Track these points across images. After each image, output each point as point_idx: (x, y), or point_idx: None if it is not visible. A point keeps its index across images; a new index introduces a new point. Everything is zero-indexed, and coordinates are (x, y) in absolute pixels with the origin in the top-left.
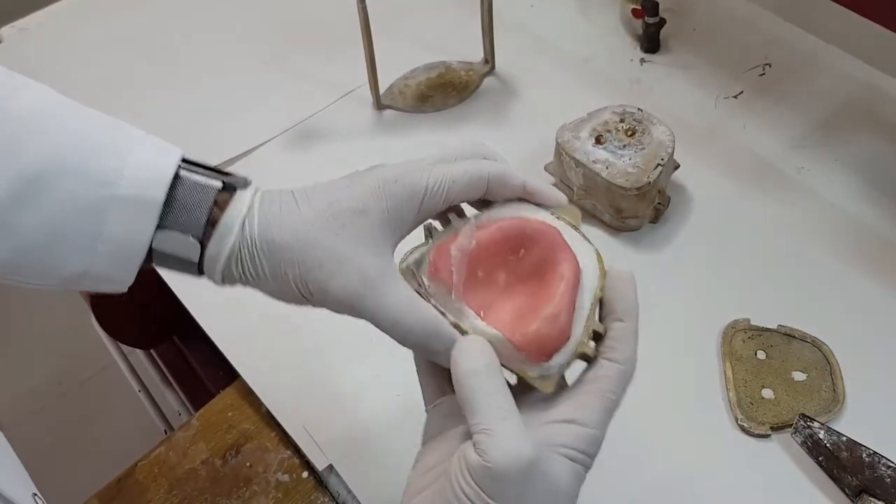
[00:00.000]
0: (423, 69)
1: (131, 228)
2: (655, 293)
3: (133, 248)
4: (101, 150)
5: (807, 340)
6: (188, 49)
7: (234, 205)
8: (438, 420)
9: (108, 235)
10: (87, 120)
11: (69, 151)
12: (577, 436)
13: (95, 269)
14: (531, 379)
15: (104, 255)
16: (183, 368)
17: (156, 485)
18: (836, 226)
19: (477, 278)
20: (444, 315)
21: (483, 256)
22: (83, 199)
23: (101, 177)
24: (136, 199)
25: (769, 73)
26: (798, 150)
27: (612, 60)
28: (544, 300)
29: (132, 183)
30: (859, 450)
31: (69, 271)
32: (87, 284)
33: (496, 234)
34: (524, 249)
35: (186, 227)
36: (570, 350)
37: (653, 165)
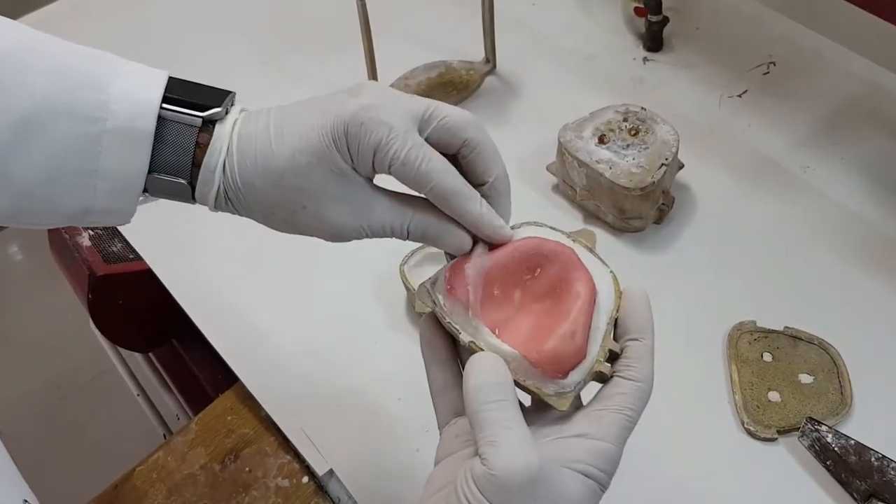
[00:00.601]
0: (423, 69)
1: (126, 161)
2: (660, 295)
3: (130, 180)
4: (84, 83)
5: (813, 342)
6: (186, 48)
7: (213, 145)
8: (450, 440)
9: (103, 171)
10: (65, 55)
11: (52, 91)
12: (591, 450)
13: (97, 205)
14: (547, 396)
15: (103, 191)
16: (182, 372)
17: (154, 490)
18: (842, 225)
19: (493, 296)
20: (459, 335)
21: (499, 275)
22: (73, 137)
23: (87, 113)
24: (126, 132)
25: (774, 71)
26: (803, 149)
27: (614, 59)
28: (560, 318)
29: (119, 116)
30: (868, 453)
31: (70, 210)
32: (92, 220)
33: (513, 252)
34: (540, 269)
35: (174, 169)
36: (585, 368)
37: (657, 165)
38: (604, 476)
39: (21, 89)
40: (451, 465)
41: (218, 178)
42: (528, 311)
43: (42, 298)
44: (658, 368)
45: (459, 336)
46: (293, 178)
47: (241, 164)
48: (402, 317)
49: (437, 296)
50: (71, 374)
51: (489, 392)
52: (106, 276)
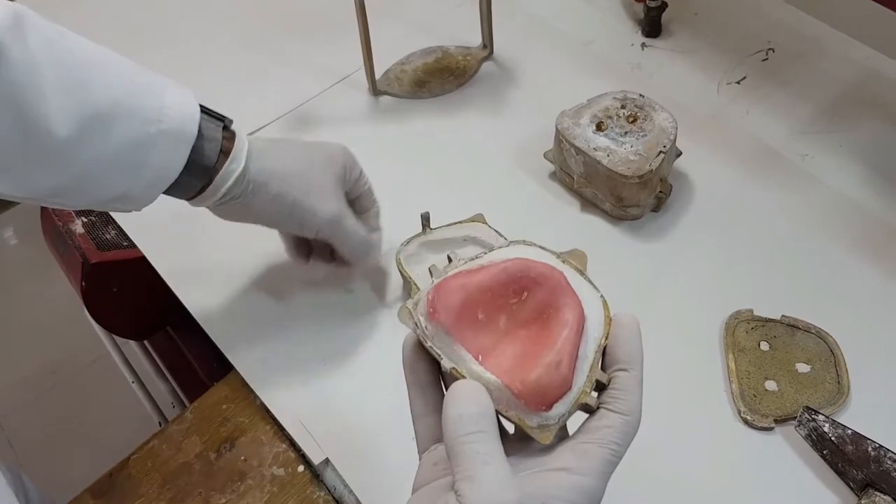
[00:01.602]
0: (419, 54)
1: (171, 156)
2: (656, 284)
3: (169, 172)
4: (145, 90)
5: (811, 331)
6: (180, 35)
7: (238, 141)
8: (428, 468)
9: (151, 163)
10: (125, 63)
11: (120, 94)
12: (572, 486)
13: (133, 192)
14: (529, 429)
15: (144, 180)
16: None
17: (149, 479)
18: (841, 213)
19: (477, 321)
20: (440, 360)
21: (484, 298)
22: (135, 133)
23: (149, 114)
24: (177, 133)
25: (772, 57)
26: (802, 136)
27: (612, 45)
28: (546, 347)
29: (172, 118)
30: (865, 443)
31: (110, 193)
32: (117, 205)
33: (499, 275)
34: (527, 292)
35: (199, 168)
36: (570, 400)
37: (655, 153)
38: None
39: (99, 90)
40: (427, 495)
41: (244, 161)
42: (513, 338)
43: (37, 284)
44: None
45: (441, 361)
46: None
47: (259, 154)
48: (398, 305)
49: (419, 318)
50: (66, 362)
51: (469, 423)
52: (99, 263)
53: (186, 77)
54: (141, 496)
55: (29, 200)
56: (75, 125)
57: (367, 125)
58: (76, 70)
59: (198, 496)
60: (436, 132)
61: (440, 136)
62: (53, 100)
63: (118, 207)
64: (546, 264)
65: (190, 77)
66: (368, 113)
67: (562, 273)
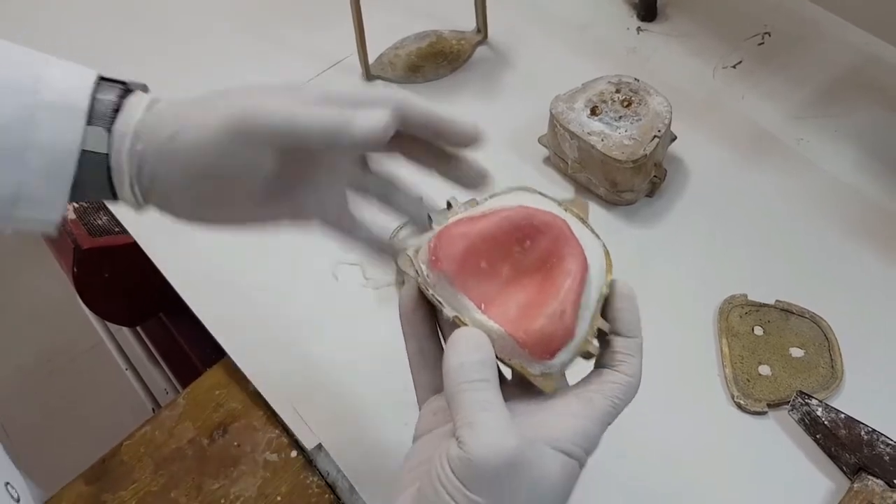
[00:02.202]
0: (413, 38)
1: (61, 135)
2: (651, 268)
3: (62, 155)
4: (21, 62)
5: (805, 316)
6: (168, 18)
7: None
8: (428, 417)
9: (37, 144)
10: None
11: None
12: (577, 429)
13: (27, 189)
14: (532, 377)
15: (36, 170)
16: (170, 346)
17: (141, 465)
18: (835, 198)
19: (480, 269)
20: (442, 308)
21: (487, 247)
22: (8, 110)
23: (23, 85)
24: (62, 105)
25: (768, 42)
26: (798, 120)
27: (607, 29)
28: (549, 296)
29: (54, 90)
30: (858, 427)
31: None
32: (20, 215)
33: (503, 223)
34: (530, 241)
35: (98, 142)
36: (573, 348)
37: (649, 137)
38: (585, 456)
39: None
40: (428, 442)
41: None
42: (516, 286)
43: (30, 272)
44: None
45: (443, 310)
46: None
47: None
48: (391, 291)
49: (421, 265)
50: (59, 349)
51: (470, 371)
52: (91, 249)
53: (177, 62)
54: (134, 482)
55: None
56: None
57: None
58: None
59: (191, 482)
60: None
61: None
62: None
63: (22, 217)
64: (549, 213)
65: (180, 62)
66: None
67: (565, 221)
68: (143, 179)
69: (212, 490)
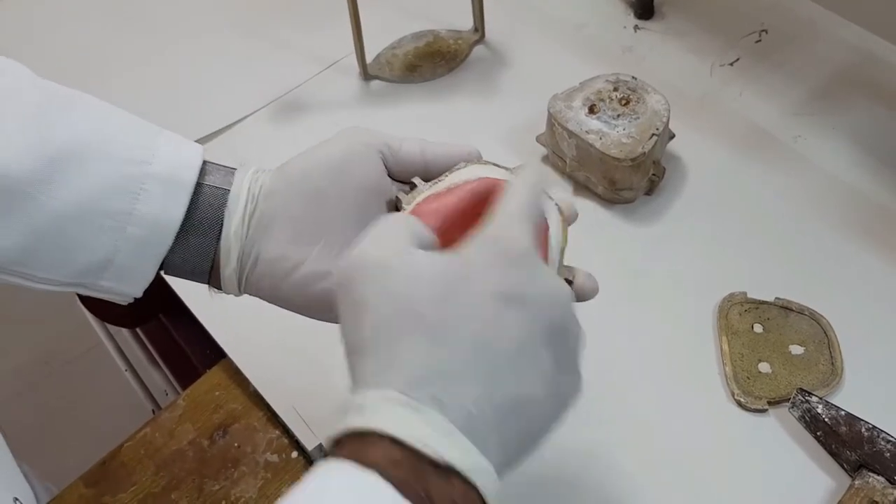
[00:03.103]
0: (410, 38)
1: (163, 210)
2: (650, 267)
3: (161, 232)
4: (133, 128)
5: (804, 313)
6: (165, 19)
7: (233, 192)
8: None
9: (138, 215)
10: (107, 106)
11: (100, 129)
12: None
13: (119, 258)
14: None
15: (132, 240)
16: (169, 347)
17: (142, 466)
18: (834, 195)
19: (454, 241)
20: None
21: (455, 218)
22: (115, 176)
23: (134, 154)
24: (169, 179)
25: (766, 39)
26: (795, 118)
27: (604, 27)
28: None
29: (165, 162)
30: (858, 424)
31: (89, 259)
32: (104, 284)
33: (468, 195)
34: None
35: (204, 228)
36: None
37: (647, 135)
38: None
39: (76, 123)
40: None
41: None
42: None
43: None
44: (648, 340)
45: None
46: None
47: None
48: None
49: None
50: (58, 350)
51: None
52: None
53: (173, 64)
54: (134, 484)
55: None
56: (39, 161)
57: (357, 110)
58: (49, 103)
59: (191, 483)
60: (427, 117)
61: (431, 120)
62: (12, 132)
63: (105, 287)
64: (506, 181)
65: (177, 62)
66: (359, 98)
67: None
68: (256, 204)
69: (213, 491)
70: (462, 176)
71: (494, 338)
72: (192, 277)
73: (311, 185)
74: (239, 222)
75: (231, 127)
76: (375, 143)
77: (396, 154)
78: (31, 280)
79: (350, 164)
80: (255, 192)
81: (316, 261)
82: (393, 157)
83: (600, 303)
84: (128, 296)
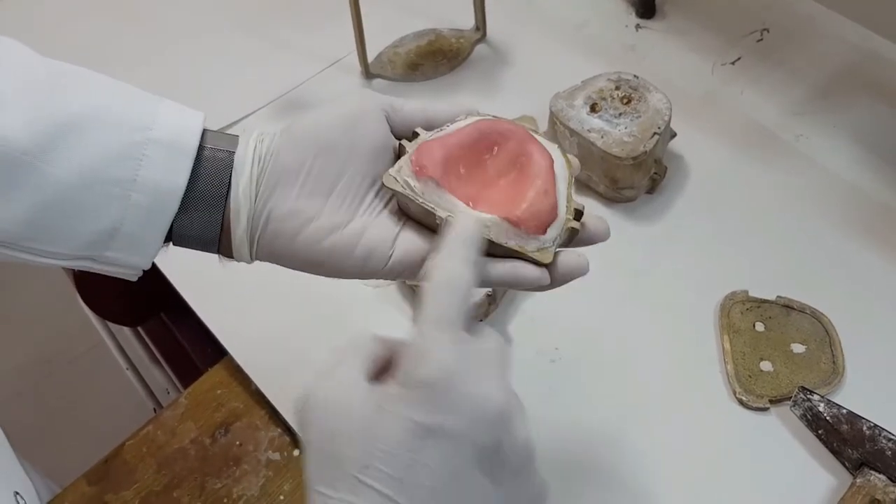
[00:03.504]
0: (412, 37)
1: (166, 175)
2: (651, 266)
3: (166, 198)
4: (134, 99)
5: (806, 312)
6: (167, 17)
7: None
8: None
9: (142, 181)
10: (110, 80)
11: (101, 98)
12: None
13: (125, 226)
14: (531, 253)
15: (137, 207)
16: (171, 346)
17: (144, 464)
18: (835, 194)
19: (460, 174)
20: (435, 211)
21: (462, 154)
22: (115, 143)
23: (135, 122)
24: (170, 144)
25: (767, 38)
26: (797, 116)
27: (606, 26)
28: (528, 184)
29: (166, 128)
30: (859, 422)
31: (94, 229)
32: (112, 254)
33: (472, 132)
34: (497, 147)
35: (209, 199)
36: (560, 225)
37: (649, 134)
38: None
39: (68, 97)
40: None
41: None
42: (494, 186)
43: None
44: (650, 338)
45: (436, 212)
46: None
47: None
48: (393, 291)
49: (406, 179)
50: (60, 349)
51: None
52: None
53: (174, 62)
54: (136, 482)
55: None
56: (41, 131)
57: None
58: (49, 76)
59: (193, 481)
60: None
61: None
62: (13, 102)
63: (111, 259)
64: (509, 121)
65: (178, 62)
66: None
67: (523, 127)
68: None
69: (214, 489)
70: (464, 124)
71: (416, 474)
72: (202, 247)
73: (322, 138)
74: (247, 182)
75: (232, 126)
76: (380, 102)
77: (399, 112)
78: (38, 254)
79: (360, 119)
80: (262, 153)
81: (329, 213)
82: (396, 115)
83: (601, 302)
84: (136, 268)
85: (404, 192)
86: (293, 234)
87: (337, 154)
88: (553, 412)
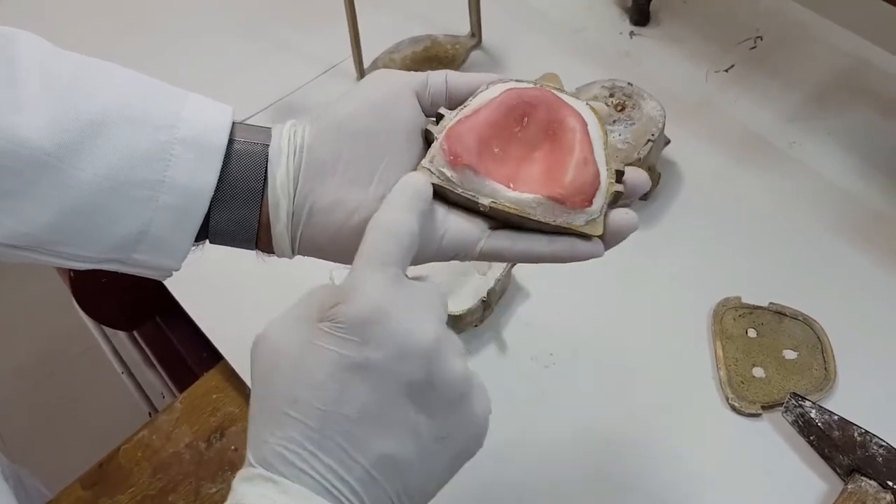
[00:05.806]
0: (408, 42)
1: (195, 175)
2: (645, 271)
3: (195, 198)
4: (157, 94)
5: (798, 318)
6: (165, 21)
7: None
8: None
9: (170, 182)
10: (133, 74)
11: (125, 99)
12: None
13: (153, 229)
14: (581, 227)
15: (166, 209)
16: (166, 350)
17: (139, 469)
18: (828, 201)
19: (494, 155)
20: (477, 198)
21: (492, 133)
22: (142, 144)
23: (162, 120)
24: (197, 143)
25: (761, 46)
26: (790, 123)
27: (600, 33)
28: (565, 154)
29: (193, 125)
30: (851, 429)
31: (122, 232)
32: (140, 257)
33: (498, 108)
34: (527, 118)
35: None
36: (604, 191)
37: (643, 141)
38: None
39: (91, 95)
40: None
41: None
42: (531, 160)
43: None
44: (643, 344)
45: (479, 201)
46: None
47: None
48: None
49: (440, 170)
50: (55, 352)
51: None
52: None
53: (171, 65)
54: (131, 486)
55: (22, 255)
56: (64, 132)
57: None
58: (71, 71)
59: (188, 486)
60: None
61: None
62: (35, 102)
63: (140, 261)
64: (534, 87)
65: (174, 65)
66: None
67: (549, 90)
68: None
69: (209, 494)
70: (487, 96)
71: (341, 406)
72: (239, 244)
73: (359, 126)
74: (284, 176)
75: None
76: (408, 82)
77: (427, 90)
78: (66, 258)
79: (394, 102)
80: (298, 143)
81: (373, 201)
82: (424, 93)
83: (595, 308)
84: (165, 270)
85: (442, 183)
86: (340, 223)
87: (374, 141)
88: (547, 417)
